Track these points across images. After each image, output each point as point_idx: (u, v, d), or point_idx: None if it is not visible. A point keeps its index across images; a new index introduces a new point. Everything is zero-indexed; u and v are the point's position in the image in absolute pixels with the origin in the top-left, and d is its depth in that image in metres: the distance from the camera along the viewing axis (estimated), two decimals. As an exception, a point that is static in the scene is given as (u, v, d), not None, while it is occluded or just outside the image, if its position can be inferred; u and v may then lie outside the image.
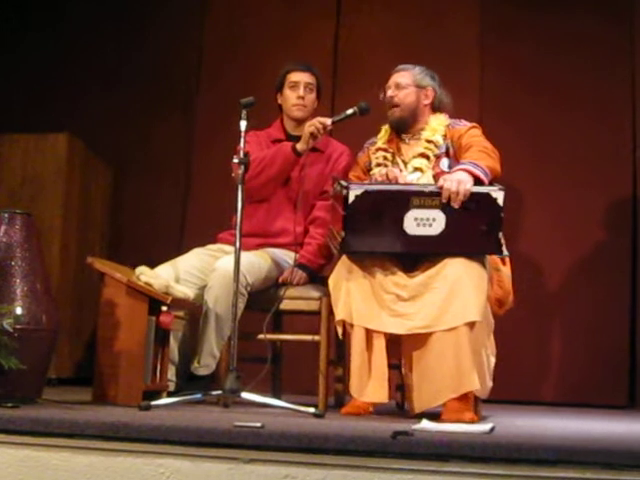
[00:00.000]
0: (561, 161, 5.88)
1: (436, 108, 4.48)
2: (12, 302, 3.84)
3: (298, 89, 4.70)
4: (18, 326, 3.79)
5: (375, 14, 6.30)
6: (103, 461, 3.05)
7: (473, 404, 4.02)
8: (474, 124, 4.41)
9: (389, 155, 4.42)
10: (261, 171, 4.53)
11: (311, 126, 4.46)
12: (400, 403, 4.69)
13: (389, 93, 4.45)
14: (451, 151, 4.34)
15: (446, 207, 3.97)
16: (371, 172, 4.41)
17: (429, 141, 4.36)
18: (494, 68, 6.07)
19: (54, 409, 3.63)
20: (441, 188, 3.97)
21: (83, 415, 3.34)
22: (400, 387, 4.62)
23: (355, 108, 4.47)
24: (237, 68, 6.36)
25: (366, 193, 3.99)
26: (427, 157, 4.33)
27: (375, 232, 4.01)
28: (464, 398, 3.93)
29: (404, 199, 3.98)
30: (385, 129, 4.51)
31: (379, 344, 4.01)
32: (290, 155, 4.52)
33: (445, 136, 4.37)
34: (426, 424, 3.34)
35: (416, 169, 4.31)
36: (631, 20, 5.92)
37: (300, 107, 4.71)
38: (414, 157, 4.35)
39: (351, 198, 3.98)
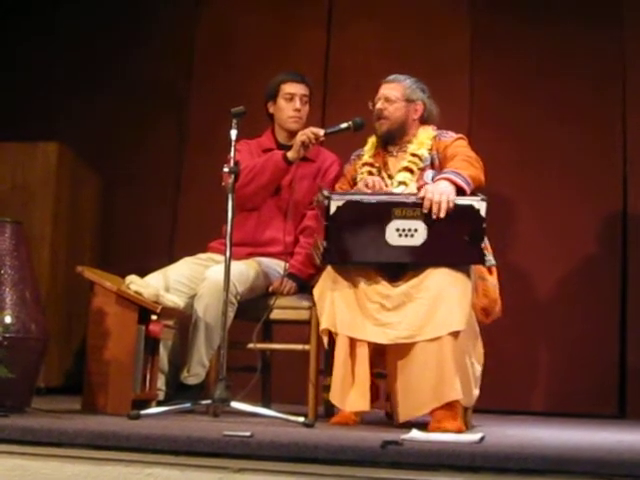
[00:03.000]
0: (551, 172, 5.89)
1: (425, 120, 4.49)
2: (1, 310, 3.83)
3: (295, 101, 4.69)
4: (7, 335, 3.78)
5: (366, 25, 6.31)
6: (92, 470, 3.04)
7: (461, 414, 4.01)
8: (461, 135, 4.42)
9: (375, 170, 4.43)
10: (252, 179, 4.52)
11: (303, 135, 4.46)
12: (390, 412, 4.68)
13: (378, 106, 4.45)
14: (436, 162, 4.35)
15: (428, 218, 3.98)
16: (356, 187, 4.41)
17: (414, 155, 4.36)
18: (484, 79, 6.08)
19: (43, 418, 3.62)
20: (423, 199, 3.98)
21: (72, 424, 3.34)
22: (390, 396, 4.62)
23: (350, 122, 4.46)
24: (228, 77, 6.36)
25: (348, 204, 4.00)
26: (411, 171, 4.34)
27: (357, 242, 4.01)
28: (450, 407, 3.92)
29: (386, 210, 3.99)
30: (372, 141, 4.51)
31: (362, 353, 4.01)
32: (281, 163, 4.52)
33: (431, 149, 4.37)
34: (416, 434, 3.34)
35: (400, 183, 4.32)
36: (622, 32, 5.94)
37: (297, 119, 4.70)
38: (399, 171, 4.35)
39: (332, 209, 3.99)
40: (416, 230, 3.98)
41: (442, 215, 3.94)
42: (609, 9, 5.99)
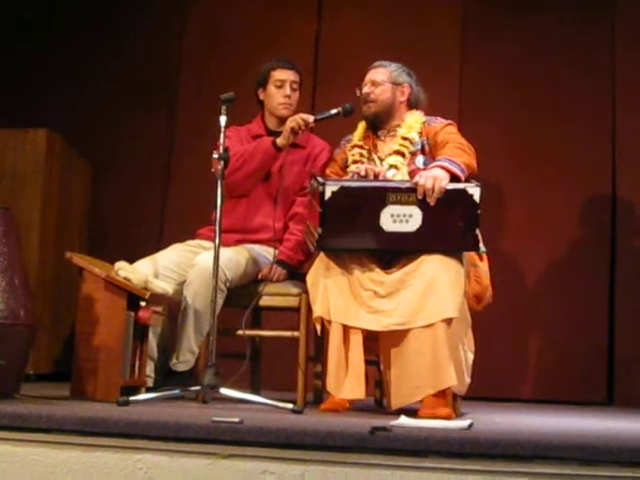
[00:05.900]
0: (541, 159, 5.90)
1: (412, 105, 4.50)
2: (-10, 297, 3.83)
3: (285, 88, 4.68)
4: (-4, 321, 3.78)
5: (356, 13, 6.30)
6: (81, 456, 3.05)
7: (451, 400, 4.02)
8: (450, 121, 4.42)
9: (365, 152, 4.43)
10: (241, 165, 4.52)
11: (292, 121, 4.46)
12: (379, 399, 4.70)
13: (365, 90, 4.46)
14: (426, 148, 4.35)
15: (422, 204, 3.97)
16: (348, 169, 4.41)
17: (405, 138, 4.37)
18: (474, 68, 6.09)
19: (32, 404, 3.63)
20: (417, 184, 3.98)
21: (61, 410, 3.33)
22: (379, 383, 4.63)
23: (339, 108, 4.46)
24: (218, 65, 6.35)
25: (342, 189, 3.99)
26: (402, 154, 4.34)
27: (351, 228, 4.01)
28: (441, 394, 3.93)
29: (380, 195, 3.98)
30: (362, 125, 4.52)
31: (356, 340, 4.01)
32: (270, 149, 4.51)
33: (421, 133, 4.38)
34: (404, 420, 3.34)
35: (391, 166, 4.32)
36: (612, 22, 5.94)
37: (287, 106, 4.69)
38: (389, 154, 4.36)
39: (327, 194, 3.98)
40: (411, 216, 3.98)
41: (432, 202, 3.95)
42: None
